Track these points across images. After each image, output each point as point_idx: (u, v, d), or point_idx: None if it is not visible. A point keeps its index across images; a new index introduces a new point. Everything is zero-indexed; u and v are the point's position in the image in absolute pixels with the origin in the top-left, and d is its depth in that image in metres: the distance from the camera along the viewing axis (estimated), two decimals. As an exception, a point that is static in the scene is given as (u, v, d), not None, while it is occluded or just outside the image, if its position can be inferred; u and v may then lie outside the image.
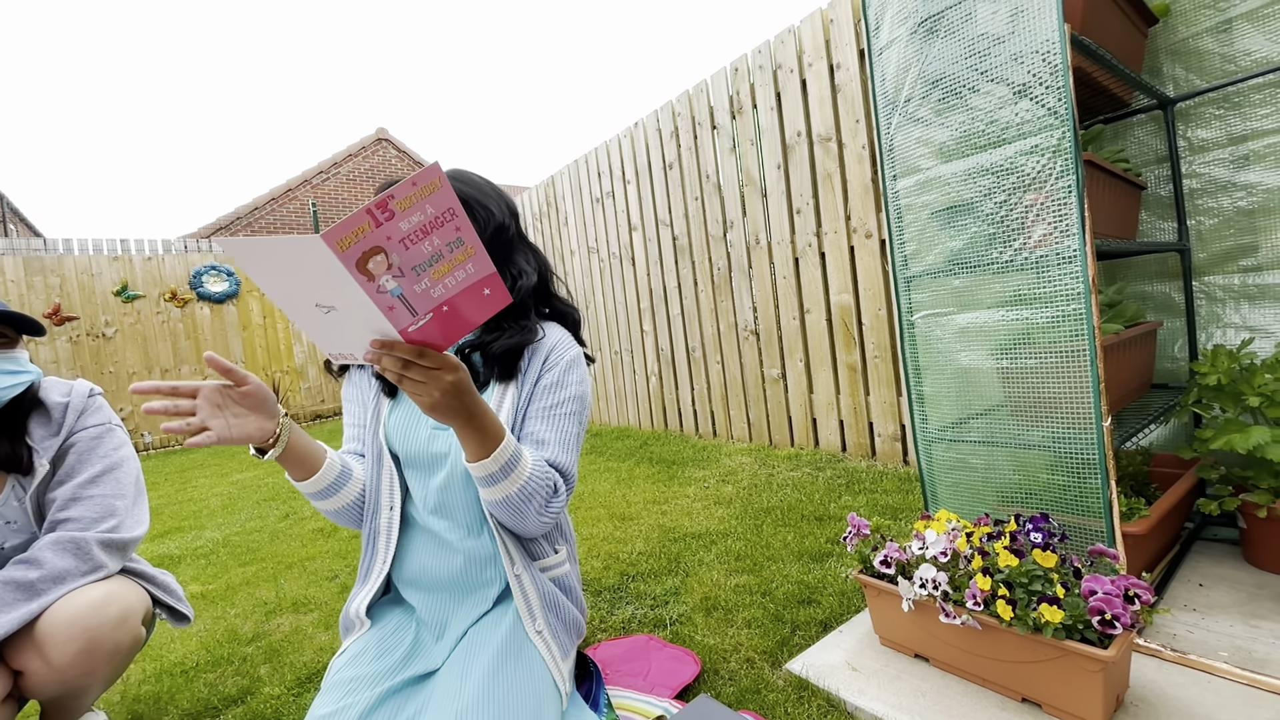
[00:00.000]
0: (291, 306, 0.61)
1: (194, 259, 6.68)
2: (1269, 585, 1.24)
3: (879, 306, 2.46)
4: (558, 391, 0.91)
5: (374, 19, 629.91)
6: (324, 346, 0.67)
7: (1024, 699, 0.99)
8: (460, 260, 0.59)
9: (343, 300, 0.57)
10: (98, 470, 1.08)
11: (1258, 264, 1.42)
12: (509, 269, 0.94)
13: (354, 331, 0.62)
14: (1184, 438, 1.57)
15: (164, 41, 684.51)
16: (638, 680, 1.16)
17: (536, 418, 0.91)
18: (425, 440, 0.92)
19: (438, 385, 0.67)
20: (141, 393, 0.73)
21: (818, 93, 2.57)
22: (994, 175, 1.17)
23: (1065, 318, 1.11)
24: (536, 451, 0.88)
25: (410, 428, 0.93)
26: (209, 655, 1.55)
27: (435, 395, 0.68)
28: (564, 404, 0.91)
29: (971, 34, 1.17)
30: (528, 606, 0.88)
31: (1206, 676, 1.00)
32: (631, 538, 2.00)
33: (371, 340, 0.62)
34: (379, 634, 0.89)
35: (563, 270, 4.62)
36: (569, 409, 0.92)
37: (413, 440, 0.93)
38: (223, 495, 3.57)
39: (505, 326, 0.92)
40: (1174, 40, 1.49)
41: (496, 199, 0.94)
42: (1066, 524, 1.15)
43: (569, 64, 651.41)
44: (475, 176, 0.95)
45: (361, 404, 1.01)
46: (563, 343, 0.96)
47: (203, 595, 1.99)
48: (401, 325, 0.60)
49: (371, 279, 0.54)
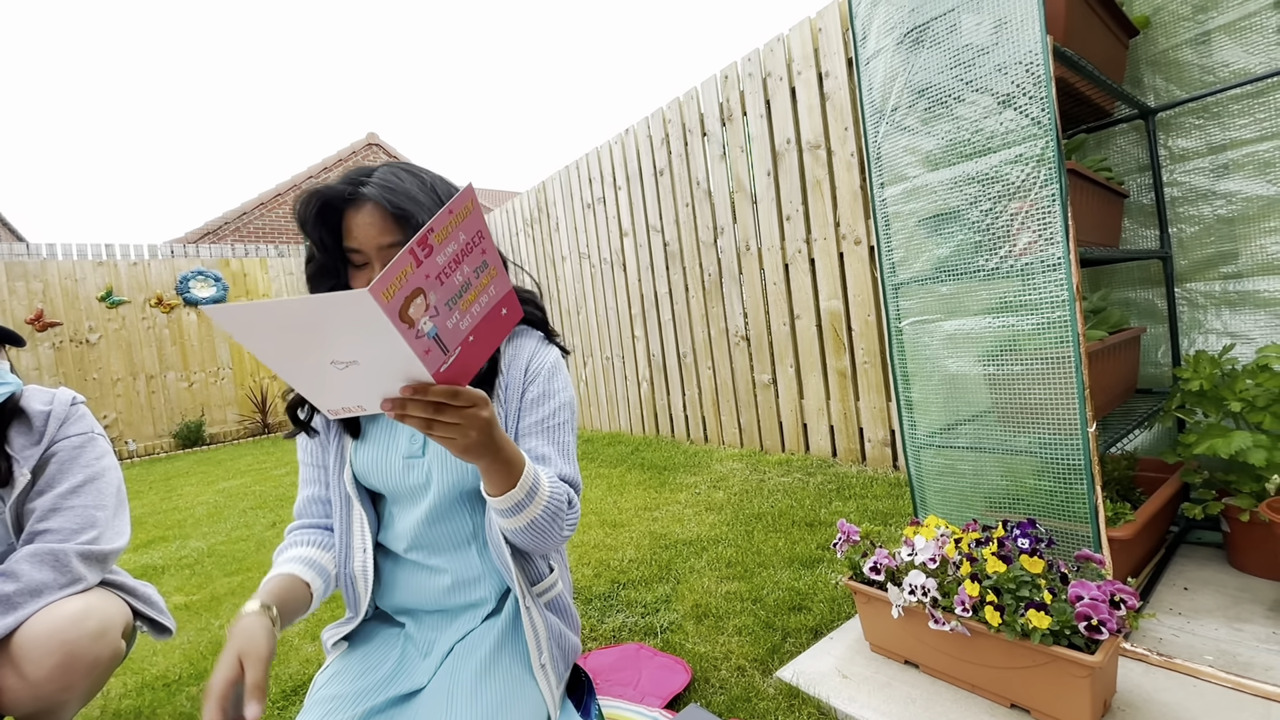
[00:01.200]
0: (293, 368, 0.52)
1: (180, 264, 6.62)
2: (1252, 589, 1.26)
3: (868, 312, 2.47)
4: (547, 402, 0.89)
5: (365, 22, 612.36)
6: (325, 403, 0.57)
7: (1013, 705, 0.99)
8: (484, 285, 0.55)
9: (371, 352, 0.50)
10: (79, 480, 1.06)
11: (1238, 271, 1.44)
12: None
13: (375, 383, 0.54)
14: (1168, 442, 1.59)
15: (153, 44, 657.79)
16: (628, 690, 1.16)
17: (532, 434, 0.87)
18: (400, 473, 0.87)
19: (475, 424, 0.61)
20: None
21: (807, 100, 2.59)
22: (980, 184, 1.18)
23: (1050, 324, 1.12)
24: (544, 468, 0.85)
25: (383, 462, 0.87)
26: (192, 668, 1.52)
27: (473, 435, 0.62)
28: (556, 413, 0.89)
29: (956, 44, 1.18)
30: (536, 640, 0.85)
31: (1192, 681, 1.01)
32: (622, 545, 1.99)
33: (400, 388, 0.54)
34: (363, 650, 0.87)
35: (554, 276, 4.62)
36: (562, 418, 0.90)
37: (388, 475, 0.87)
38: (208, 503, 3.52)
39: None
40: (1154, 51, 1.52)
41: (434, 206, 0.79)
42: (1053, 529, 1.16)
43: (561, 69, 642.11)
44: (410, 172, 0.80)
45: (320, 444, 0.92)
46: (540, 350, 0.91)
47: (186, 606, 1.96)
48: (435, 367, 0.52)
49: (412, 325, 0.48)
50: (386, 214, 0.76)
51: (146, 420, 6.34)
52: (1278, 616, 1.15)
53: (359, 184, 0.76)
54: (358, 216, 0.77)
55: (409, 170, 0.80)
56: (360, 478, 0.89)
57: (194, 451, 6.26)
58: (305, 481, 0.94)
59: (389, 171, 0.78)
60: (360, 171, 0.79)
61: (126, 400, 6.24)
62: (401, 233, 0.77)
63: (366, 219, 0.76)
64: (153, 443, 6.35)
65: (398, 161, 0.82)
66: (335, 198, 0.77)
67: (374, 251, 0.77)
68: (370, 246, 0.77)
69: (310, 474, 0.93)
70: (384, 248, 0.77)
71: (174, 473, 4.94)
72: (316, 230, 0.77)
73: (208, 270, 6.74)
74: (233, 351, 6.84)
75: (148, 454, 6.29)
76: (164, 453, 6.34)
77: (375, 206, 0.76)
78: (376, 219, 0.76)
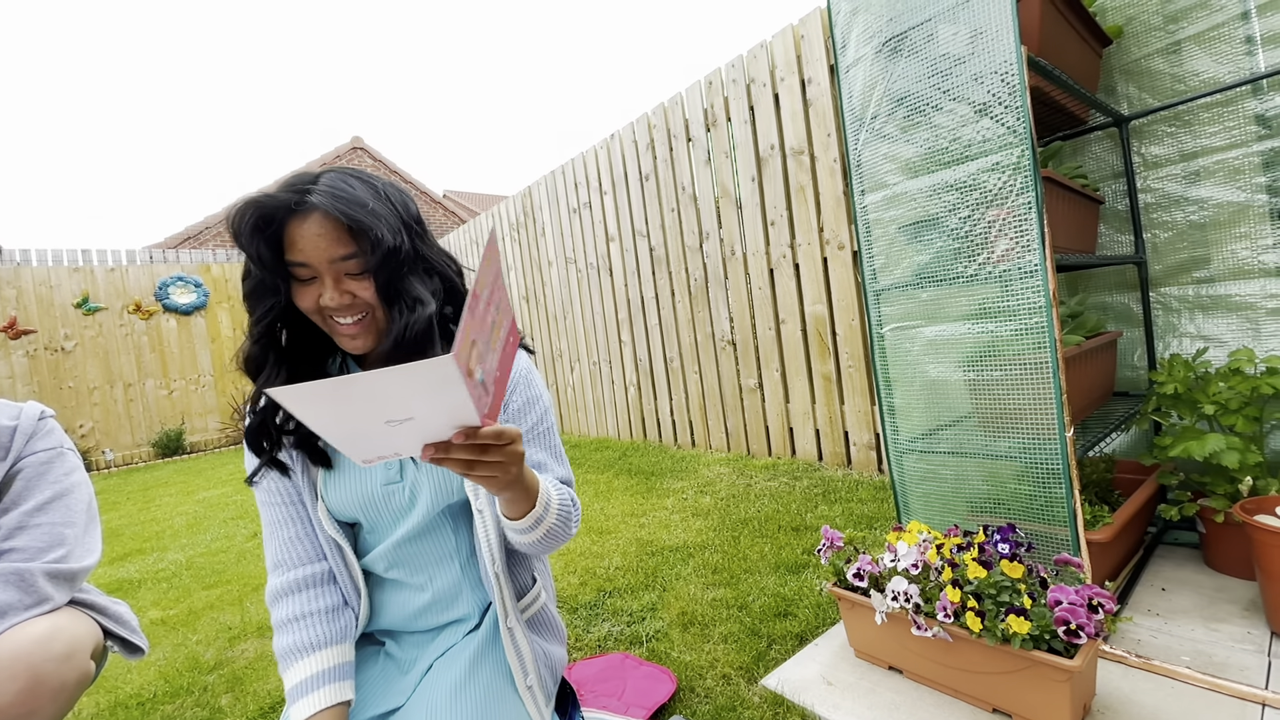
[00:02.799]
0: (344, 431, 0.50)
1: (160, 270, 6.51)
2: (1227, 588, 1.28)
3: (852, 317, 2.49)
4: (533, 409, 0.87)
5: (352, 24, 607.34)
6: (360, 453, 0.53)
7: (995, 710, 1.00)
8: (502, 321, 0.54)
9: (431, 407, 0.49)
10: (46, 497, 1.03)
11: (1210, 276, 1.47)
12: (402, 304, 0.74)
13: (425, 432, 0.53)
14: (1145, 445, 1.61)
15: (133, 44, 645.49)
16: (612, 701, 1.15)
17: (527, 444, 0.85)
18: (382, 500, 0.83)
19: (515, 460, 0.60)
20: None
21: (790, 107, 2.61)
22: (958, 191, 1.19)
23: (1028, 330, 1.13)
24: (545, 475, 0.84)
25: (361, 493, 0.83)
26: (168, 685, 1.49)
27: (514, 472, 0.61)
28: (544, 418, 0.88)
29: (934, 54, 1.19)
30: (520, 661, 0.84)
31: (1170, 682, 1.02)
32: (609, 552, 1.98)
33: (452, 435, 0.53)
34: (341, 666, 0.86)
35: (541, 280, 4.60)
36: (549, 421, 0.89)
37: (369, 504, 0.83)
38: (188, 514, 3.45)
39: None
40: (1127, 60, 1.55)
41: (390, 216, 0.73)
42: (1034, 532, 1.17)
43: (547, 73, 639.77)
44: (360, 179, 0.74)
45: (289, 498, 0.84)
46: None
47: (163, 621, 1.92)
48: (483, 411, 0.52)
49: (471, 375, 0.48)
50: (338, 225, 0.70)
51: (124, 429, 6.22)
52: (1252, 616, 1.17)
53: (303, 192, 0.70)
54: (303, 228, 0.70)
55: (357, 177, 0.74)
56: (335, 512, 0.84)
57: (174, 460, 6.14)
58: (278, 523, 0.84)
59: (337, 178, 0.72)
60: (302, 179, 0.72)
61: (104, 409, 6.11)
62: (355, 244, 0.71)
63: (315, 230, 0.70)
64: (131, 452, 6.23)
65: (343, 167, 0.76)
66: (276, 208, 0.69)
67: (324, 265, 0.71)
68: (320, 260, 0.71)
69: (282, 514, 0.84)
70: (336, 260, 0.71)
71: (153, 483, 4.85)
72: (254, 244, 0.70)
73: (188, 276, 6.63)
74: (214, 359, 6.73)
75: (126, 464, 6.16)
76: (143, 462, 6.22)
77: (325, 217, 0.70)
78: (327, 230, 0.70)
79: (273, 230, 0.71)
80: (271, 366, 0.78)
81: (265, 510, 0.86)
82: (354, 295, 0.73)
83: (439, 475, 0.84)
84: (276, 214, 0.70)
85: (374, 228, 0.70)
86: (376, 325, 0.77)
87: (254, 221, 0.69)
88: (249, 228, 0.69)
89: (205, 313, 6.74)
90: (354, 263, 0.72)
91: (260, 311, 0.75)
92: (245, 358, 0.78)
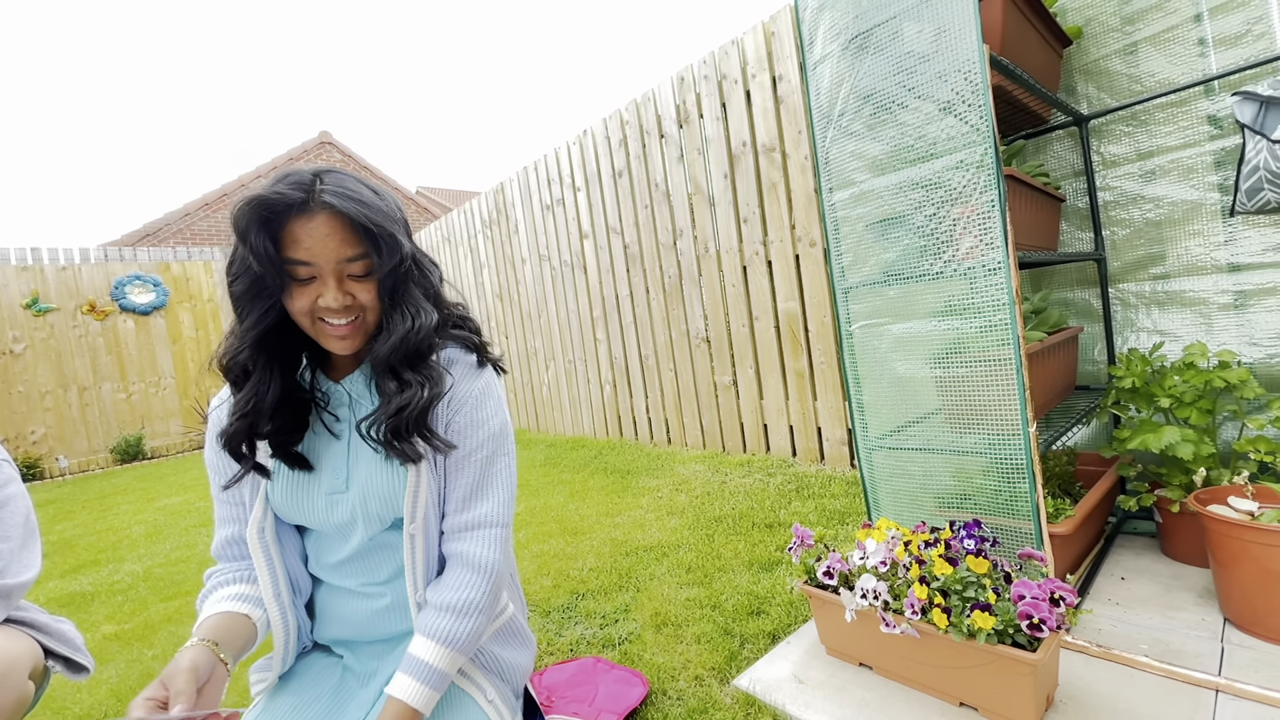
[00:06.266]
0: None
1: (115, 268, 6.25)
2: (1183, 576, 1.32)
3: (824, 314, 2.51)
4: (475, 432, 0.81)
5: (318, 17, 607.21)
6: None
7: (961, 703, 1.01)
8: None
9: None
10: (-22, 511, 0.97)
11: (1165, 272, 1.51)
12: (404, 309, 0.75)
13: None
14: (1105, 437, 1.65)
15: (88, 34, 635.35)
16: (583, 706, 1.13)
17: (462, 470, 0.80)
18: (324, 511, 0.80)
19: None
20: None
21: (761, 103, 2.61)
22: (923, 189, 1.20)
23: (992, 327, 1.14)
24: (462, 513, 0.79)
25: (304, 501, 0.80)
26: (119, 704, 1.42)
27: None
28: (484, 445, 0.80)
29: (899, 51, 1.19)
30: (480, 690, 0.81)
31: (1129, 671, 1.05)
32: (583, 553, 1.96)
33: None
34: (295, 684, 0.82)
35: (514, 278, 4.54)
36: (490, 450, 0.81)
37: (311, 513, 0.81)
38: (147, 523, 3.33)
39: (406, 379, 0.75)
40: (1087, 61, 1.57)
41: (397, 220, 0.74)
42: (999, 526, 1.19)
43: (517, 66, 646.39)
44: (359, 180, 0.73)
45: (234, 499, 0.83)
46: (464, 374, 0.82)
47: (117, 636, 1.84)
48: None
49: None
50: (347, 225, 0.70)
51: (80, 435, 5.97)
52: (1206, 603, 1.21)
53: (309, 190, 0.69)
54: (309, 226, 0.69)
55: (354, 177, 0.74)
56: (282, 514, 0.82)
57: (133, 466, 5.92)
58: (225, 520, 0.84)
59: (342, 178, 0.72)
60: (303, 177, 0.70)
61: (57, 414, 5.86)
62: (363, 245, 0.71)
63: (323, 230, 0.69)
64: (87, 459, 5.98)
65: (335, 168, 0.74)
66: (285, 205, 0.68)
67: (330, 265, 0.70)
68: (326, 260, 0.70)
69: (230, 512, 0.84)
70: (343, 261, 0.71)
71: (110, 490, 4.66)
72: (260, 239, 0.68)
73: (146, 275, 6.39)
74: (175, 360, 6.50)
75: (82, 470, 5.92)
76: (100, 469, 5.98)
77: (333, 216, 0.69)
78: (336, 229, 0.70)
79: (275, 227, 0.70)
80: (263, 370, 0.75)
81: (218, 505, 0.85)
82: (354, 297, 0.73)
83: (383, 488, 0.80)
84: (283, 210, 0.69)
85: (388, 230, 0.71)
86: (365, 328, 0.76)
87: (261, 216, 0.68)
88: (256, 223, 0.68)
89: (165, 313, 6.50)
90: (359, 264, 0.72)
91: (259, 312, 0.73)
92: (229, 363, 0.75)
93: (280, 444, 0.79)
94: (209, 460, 0.84)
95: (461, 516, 0.80)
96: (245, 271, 0.71)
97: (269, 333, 0.74)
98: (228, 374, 0.76)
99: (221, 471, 0.82)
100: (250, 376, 0.75)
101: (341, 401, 0.83)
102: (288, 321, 0.75)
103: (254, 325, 0.73)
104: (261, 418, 0.76)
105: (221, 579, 0.83)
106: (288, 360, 0.78)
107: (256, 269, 0.70)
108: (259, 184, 0.70)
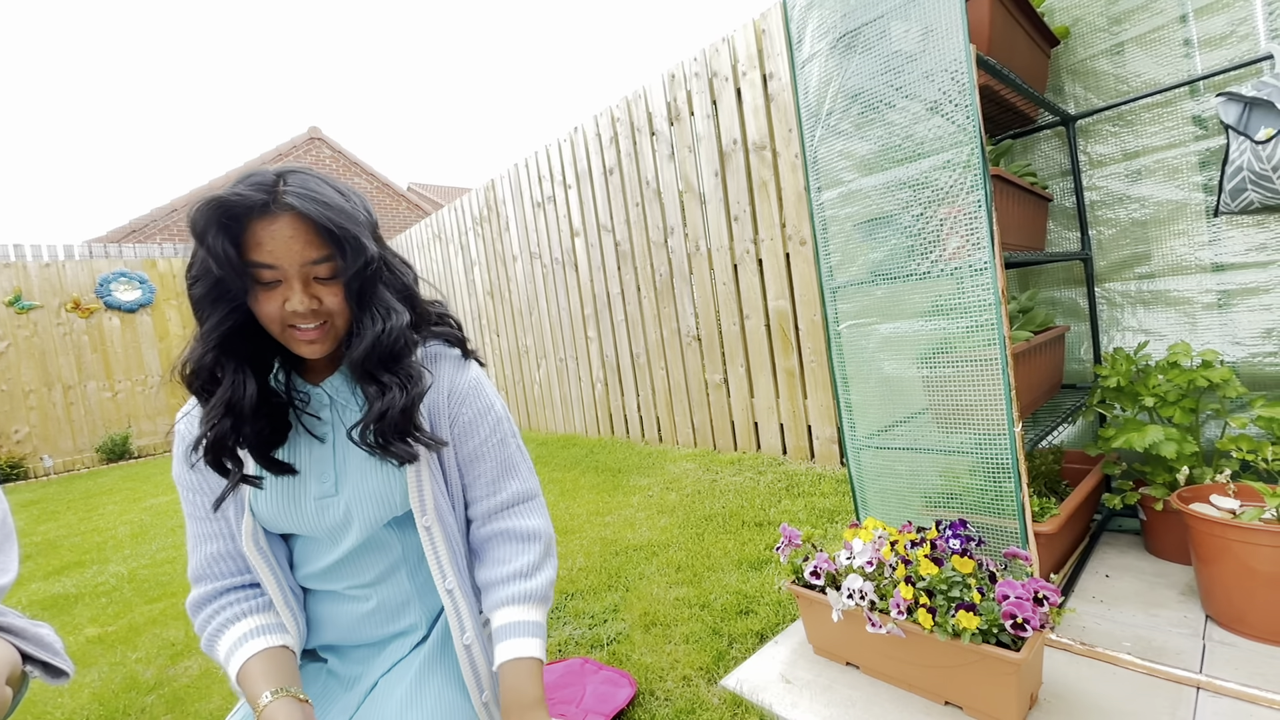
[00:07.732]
0: None
1: (100, 265, 6.17)
2: (1166, 574, 1.33)
3: (814, 312, 2.51)
4: (483, 421, 0.84)
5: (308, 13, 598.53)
6: None
7: (947, 702, 1.01)
8: None
9: None
10: (-49, 515, 0.95)
11: (1151, 271, 1.52)
12: (374, 311, 0.74)
13: None
14: (1091, 436, 1.66)
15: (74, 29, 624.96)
16: (570, 708, 1.13)
17: (481, 458, 0.84)
18: (314, 515, 0.79)
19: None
20: None
21: (752, 101, 2.60)
22: (911, 189, 1.20)
23: (979, 327, 1.14)
24: (494, 495, 0.84)
25: (292, 508, 0.79)
26: (102, 708, 1.41)
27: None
28: (495, 430, 0.85)
29: (887, 50, 1.19)
30: (476, 678, 0.81)
31: (1112, 669, 1.06)
32: (573, 553, 1.95)
33: None
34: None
35: (505, 275, 4.52)
36: (503, 432, 0.86)
37: (301, 519, 0.79)
38: (133, 523, 3.29)
39: (384, 382, 0.74)
40: (1074, 61, 1.58)
41: (363, 221, 0.72)
42: (985, 525, 1.19)
43: (508, 62, 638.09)
44: (324, 181, 0.72)
45: (215, 513, 0.80)
46: (457, 373, 0.84)
47: (100, 639, 1.82)
48: None
49: None
50: (311, 227, 0.68)
51: (64, 434, 5.89)
52: (1187, 600, 1.22)
53: (271, 192, 0.67)
54: (273, 228, 0.67)
55: (320, 178, 0.72)
56: (268, 524, 0.80)
57: (120, 466, 5.86)
58: (203, 537, 0.80)
59: (306, 179, 0.70)
60: (265, 178, 0.69)
61: (41, 413, 5.78)
62: (328, 248, 0.70)
63: (287, 232, 0.68)
64: (72, 458, 5.91)
65: (302, 167, 0.73)
66: (247, 206, 0.66)
67: (294, 268, 0.69)
68: (290, 262, 0.68)
69: (209, 528, 0.80)
70: (307, 264, 0.69)
71: (96, 490, 4.61)
72: (220, 242, 0.66)
73: (131, 272, 6.31)
74: (162, 358, 6.43)
75: (67, 470, 5.85)
76: (85, 468, 5.91)
77: (297, 218, 0.68)
78: (299, 232, 0.68)
79: (236, 229, 0.68)
80: (234, 373, 0.73)
81: (191, 522, 0.82)
82: (320, 301, 0.72)
83: (377, 488, 0.80)
84: (244, 212, 0.67)
85: (352, 232, 0.69)
86: (335, 332, 0.75)
87: (220, 219, 0.66)
88: (215, 225, 0.66)
89: (152, 310, 6.43)
90: (325, 267, 0.71)
91: (219, 316, 0.71)
92: (195, 368, 0.72)
93: (261, 450, 0.77)
94: (181, 478, 0.80)
95: (496, 499, 0.85)
96: (205, 274, 0.70)
97: (234, 335, 0.72)
98: (194, 380, 0.73)
99: (197, 488, 0.79)
100: (220, 382, 0.73)
101: (323, 403, 0.82)
102: (253, 324, 0.73)
103: (216, 327, 0.71)
104: (244, 420, 0.74)
105: (230, 614, 0.79)
106: (257, 363, 0.76)
107: (217, 272, 0.68)
108: (221, 185, 0.68)
